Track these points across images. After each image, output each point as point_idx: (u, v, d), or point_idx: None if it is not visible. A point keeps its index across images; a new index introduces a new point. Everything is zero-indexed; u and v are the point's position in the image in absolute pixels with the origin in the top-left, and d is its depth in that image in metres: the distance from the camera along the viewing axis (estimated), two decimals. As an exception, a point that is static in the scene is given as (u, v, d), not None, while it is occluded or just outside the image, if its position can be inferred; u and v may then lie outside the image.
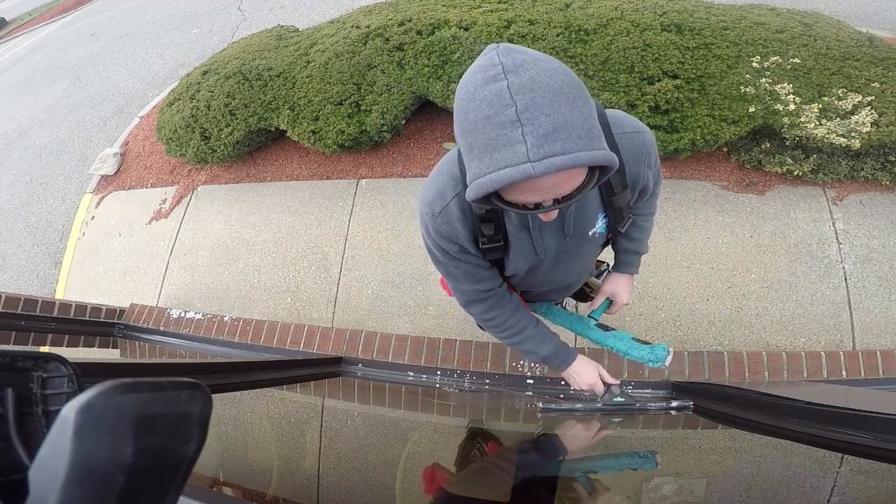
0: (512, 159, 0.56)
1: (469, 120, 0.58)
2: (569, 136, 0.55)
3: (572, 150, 0.55)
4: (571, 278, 1.11)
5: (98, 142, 4.62)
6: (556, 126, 0.55)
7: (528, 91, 0.54)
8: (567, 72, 0.58)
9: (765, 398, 1.19)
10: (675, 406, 1.26)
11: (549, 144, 0.54)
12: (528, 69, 0.55)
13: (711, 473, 1.03)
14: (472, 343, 1.98)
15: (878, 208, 2.30)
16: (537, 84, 0.55)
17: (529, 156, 0.55)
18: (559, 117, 0.55)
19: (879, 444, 0.78)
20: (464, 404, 1.79)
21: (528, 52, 0.58)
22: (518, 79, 0.55)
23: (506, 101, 0.55)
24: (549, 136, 0.54)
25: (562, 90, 0.55)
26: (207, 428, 0.30)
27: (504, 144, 0.56)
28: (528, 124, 0.54)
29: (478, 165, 0.59)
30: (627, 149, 0.81)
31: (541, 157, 0.55)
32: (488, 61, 0.57)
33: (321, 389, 1.86)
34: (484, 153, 0.58)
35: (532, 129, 0.54)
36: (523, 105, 0.54)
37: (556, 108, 0.55)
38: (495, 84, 0.55)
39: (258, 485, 0.96)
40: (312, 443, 1.28)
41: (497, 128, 0.56)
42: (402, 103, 2.69)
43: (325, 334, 2.13)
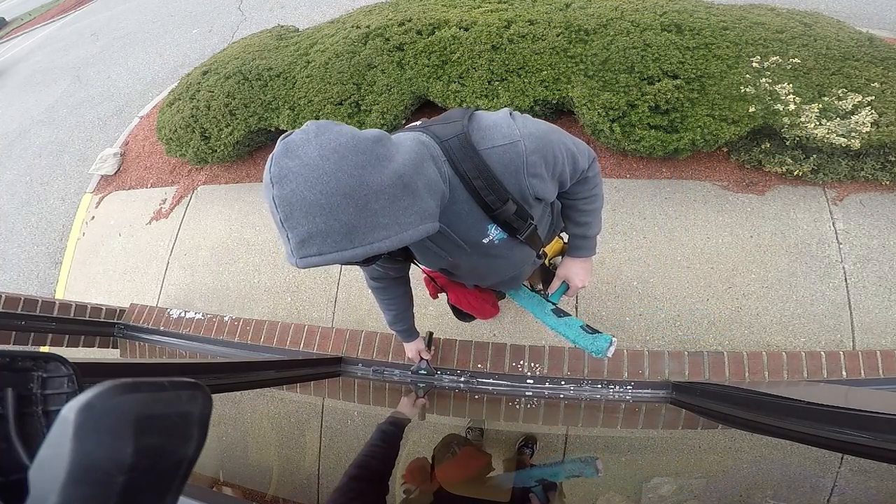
0: (287, 253, 0.66)
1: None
2: (324, 242, 0.63)
3: (328, 252, 0.64)
4: (507, 274, 1.12)
5: (98, 142, 4.62)
6: (311, 234, 0.63)
7: (286, 204, 0.62)
8: (333, 178, 0.62)
9: (764, 398, 1.19)
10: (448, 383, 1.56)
11: (306, 248, 0.64)
12: (290, 182, 0.62)
13: (711, 473, 1.03)
14: (472, 343, 1.98)
15: (878, 208, 2.30)
16: (295, 197, 0.62)
17: (294, 254, 0.64)
18: (313, 227, 0.62)
19: (879, 444, 0.78)
20: (460, 405, 1.79)
21: (303, 156, 0.62)
22: (280, 191, 0.62)
23: (274, 209, 0.63)
24: (305, 242, 0.63)
25: (317, 201, 0.62)
26: (207, 428, 0.30)
27: (282, 239, 0.66)
28: (289, 230, 0.63)
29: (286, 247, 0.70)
30: (499, 163, 0.80)
31: (301, 256, 0.64)
32: (271, 163, 0.64)
33: (321, 389, 1.86)
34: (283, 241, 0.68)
35: (292, 236, 0.63)
36: (283, 215, 0.63)
37: (310, 219, 0.62)
38: (267, 193, 0.64)
39: (258, 485, 0.96)
40: (312, 443, 1.28)
41: (276, 226, 0.66)
42: (402, 103, 2.69)
43: (325, 334, 2.13)
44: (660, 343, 2.17)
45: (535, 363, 1.88)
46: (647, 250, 2.38)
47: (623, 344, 2.17)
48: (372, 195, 0.64)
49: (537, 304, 1.27)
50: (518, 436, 1.44)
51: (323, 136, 0.63)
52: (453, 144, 0.79)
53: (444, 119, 0.84)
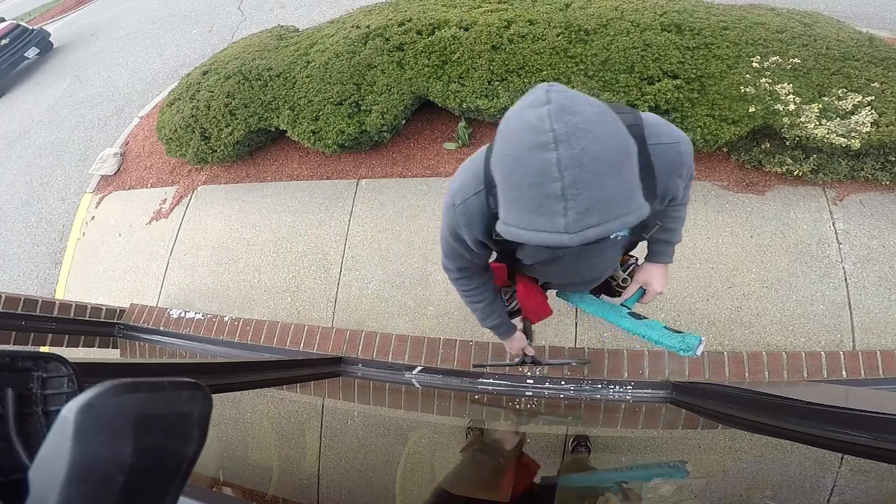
0: (550, 227, 0.56)
1: (513, 179, 0.58)
2: (607, 208, 0.55)
3: (608, 220, 0.56)
4: (593, 275, 1.13)
5: (98, 142, 4.62)
6: (598, 200, 0.55)
7: (576, 166, 0.53)
8: (620, 131, 0.56)
9: (764, 398, 1.19)
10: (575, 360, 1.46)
11: (588, 218, 0.55)
12: (581, 139, 0.53)
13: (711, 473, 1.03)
14: (472, 343, 1.98)
15: (878, 208, 2.30)
16: (587, 156, 0.53)
17: (567, 228, 0.55)
18: (603, 192, 0.54)
19: (879, 444, 0.78)
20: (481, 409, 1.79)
21: (583, 112, 0.55)
22: (569, 152, 0.53)
23: (553, 174, 0.53)
24: (590, 210, 0.55)
25: (610, 160, 0.54)
26: (207, 428, 0.30)
27: (545, 213, 0.56)
28: (571, 199, 0.54)
29: (515, 218, 0.60)
30: (661, 159, 0.80)
31: (578, 230, 0.55)
32: (538, 122, 0.54)
33: (321, 389, 1.86)
34: (524, 212, 0.58)
35: (574, 205, 0.54)
36: (570, 181, 0.53)
37: (601, 183, 0.54)
38: (544, 154, 0.53)
39: (258, 485, 0.96)
40: (312, 443, 1.28)
41: (541, 196, 0.55)
42: (402, 103, 2.69)
43: (325, 334, 2.13)
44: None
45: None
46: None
47: (623, 344, 2.17)
48: (635, 158, 0.58)
49: (610, 310, 1.26)
50: (566, 437, 1.43)
51: (578, 93, 0.56)
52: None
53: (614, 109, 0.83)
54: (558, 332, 2.26)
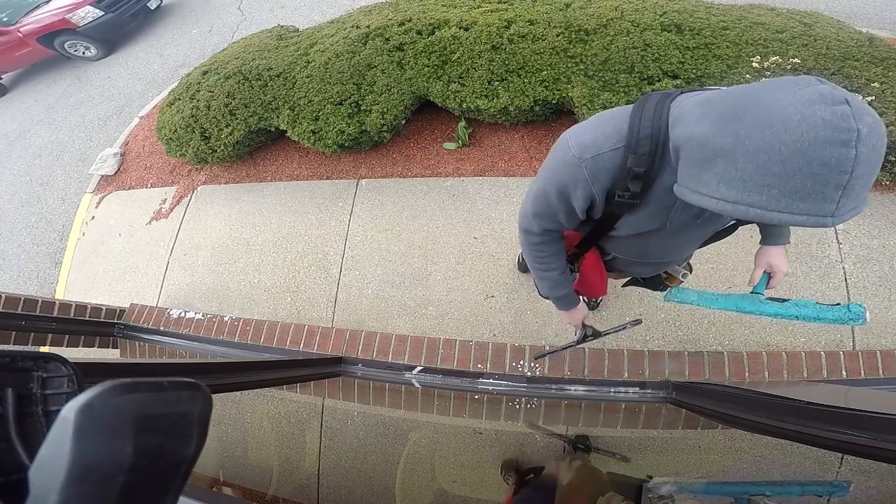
0: (816, 212, 0.59)
1: (784, 167, 0.59)
2: (865, 196, 0.60)
3: (861, 205, 0.60)
4: (671, 257, 1.12)
5: (98, 142, 4.62)
6: (865, 189, 0.59)
7: (866, 162, 0.56)
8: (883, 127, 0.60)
9: (764, 398, 1.19)
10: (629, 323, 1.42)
11: (851, 203, 0.59)
12: (874, 136, 0.57)
13: (711, 473, 1.03)
14: (472, 343, 1.98)
15: (878, 208, 2.30)
16: (875, 154, 0.57)
17: (834, 213, 0.58)
18: (871, 182, 0.59)
19: (879, 444, 0.78)
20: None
21: (872, 114, 0.58)
22: (866, 149, 0.56)
23: (846, 169, 0.56)
24: (857, 198, 0.59)
25: (881, 157, 0.58)
26: (207, 428, 0.30)
27: (816, 199, 0.58)
28: (849, 191, 0.57)
29: (763, 200, 0.62)
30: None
31: (841, 214, 0.59)
32: (842, 121, 0.56)
33: (321, 389, 1.86)
34: (783, 195, 0.60)
35: (850, 195, 0.58)
36: (857, 174, 0.56)
37: (873, 178, 0.58)
38: (843, 150, 0.56)
39: (258, 485, 0.96)
40: (312, 443, 1.28)
41: (819, 186, 0.58)
42: (402, 103, 2.69)
43: (325, 334, 2.13)
44: (660, 343, 2.17)
45: (535, 363, 1.88)
46: (647, 250, 2.38)
47: (623, 344, 2.17)
48: None
49: (744, 299, 1.23)
50: (537, 432, 1.43)
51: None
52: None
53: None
54: (558, 333, 2.26)
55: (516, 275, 2.45)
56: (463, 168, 2.86)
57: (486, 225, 2.63)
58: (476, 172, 2.83)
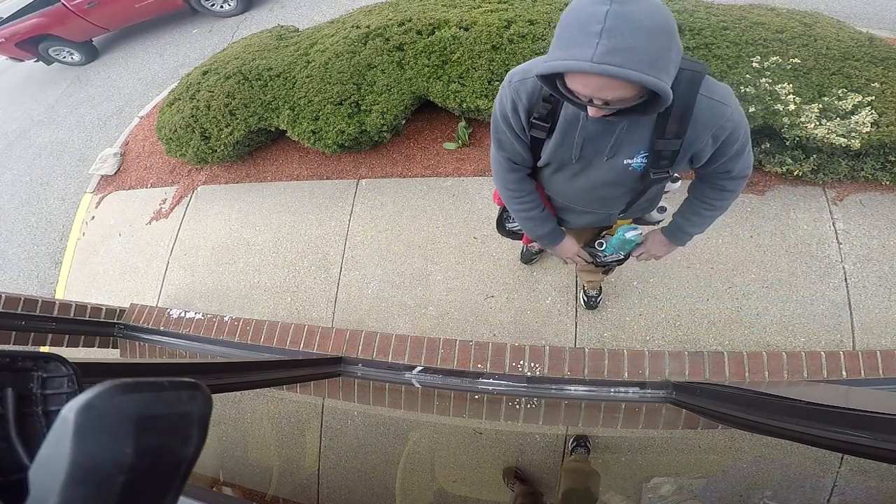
0: (579, 56, 0.70)
1: (567, 20, 0.73)
2: (630, 59, 0.68)
3: (628, 68, 0.68)
4: (594, 205, 1.18)
5: (98, 142, 4.62)
6: (625, 47, 0.67)
7: (619, 18, 0.67)
8: (665, 17, 0.70)
9: (764, 398, 1.19)
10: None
11: (611, 56, 0.68)
12: (632, 4, 0.67)
13: (711, 473, 1.03)
14: (472, 343, 1.98)
15: (878, 208, 2.30)
16: (631, 17, 0.67)
17: (593, 58, 0.69)
18: (632, 43, 0.67)
19: (879, 444, 0.78)
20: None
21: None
22: (619, 8, 0.67)
23: (599, 19, 0.67)
24: (614, 51, 0.68)
25: (648, 28, 0.68)
26: (207, 428, 0.30)
27: (579, 45, 0.70)
28: (604, 38, 0.67)
29: (555, 53, 0.75)
30: (703, 111, 0.87)
31: (600, 62, 0.68)
32: None
33: (321, 389, 1.86)
34: (562, 46, 0.73)
35: (605, 43, 0.68)
36: (609, 26, 0.67)
37: (634, 37, 0.67)
38: (599, 6, 0.68)
39: (258, 485, 0.96)
40: (312, 443, 1.28)
41: (581, 34, 0.70)
42: (402, 103, 2.69)
43: (325, 334, 2.13)
44: (660, 343, 2.17)
45: (535, 363, 1.88)
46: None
47: (623, 344, 2.17)
48: (674, 41, 0.72)
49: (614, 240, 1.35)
50: (537, 432, 1.43)
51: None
52: (684, 76, 0.85)
53: (687, 59, 0.91)
54: (558, 333, 2.26)
55: (516, 275, 2.46)
56: (463, 168, 2.86)
57: (486, 225, 2.63)
58: (476, 172, 2.83)
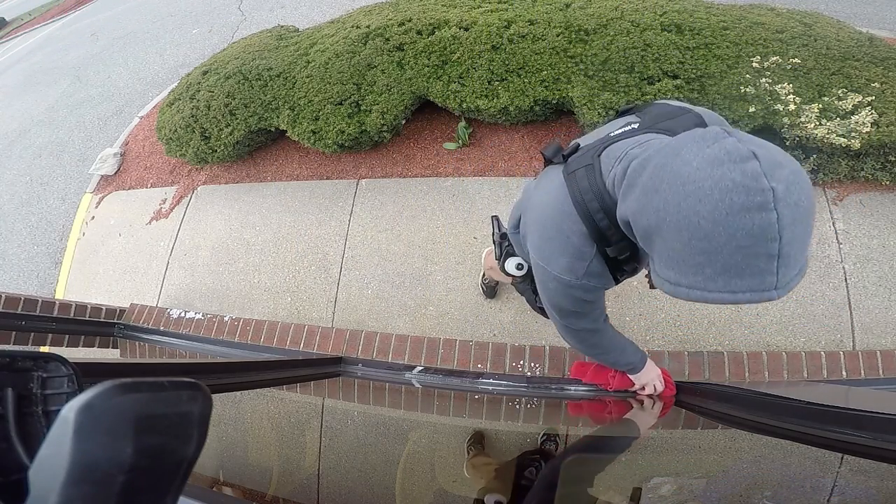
0: (757, 287, 0.53)
1: (712, 243, 0.52)
2: (804, 256, 0.53)
3: (804, 267, 0.54)
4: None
5: (98, 142, 4.62)
6: (802, 251, 0.52)
7: (794, 224, 0.50)
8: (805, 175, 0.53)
9: (764, 398, 1.19)
10: None
11: (793, 270, 0.53)
12: (794, 192, 0.50)
13: (711, 473, 1.03)
14: (472, 343, 1.98)
15: (878, 208, 2.30)
16: (801, 210, 0.50)
17: (777, 285, 0.52)
18: (805, 242, 0.52)
19: (879, 444, 0.78)
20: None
21: (787, 163, 0.51)
22: (789, 210, 0.49)
23: (772, 235, 0.50)
24: (796, 263, 0.53)
25: (812, 208, 0.52)
26: (207, 428, 0.30)
27: (752, 274, 0.52)
28: (785, 258, 0.51)
29: (709, 278, 0.55)
30: None
31: (784, 284, 0.53)
32: (752, 181, 0.49)
33: (321, 389, 1.86)
34: (718, 274, 0.54)
35: (787, 262, 0.51)
36: (787, 239, 0.50)
37: (808, 235, 0.52)
38: (761, 214, 0.49)
39: (258, 485, 0.96)
40: (312, 443, 1.28)
41: (750, 258, 0.51)
42: (402, 103, 2.69)
43: (325, 334, 2.13)
44: (660, 343, 2.17)
45: (535, 363, 1.88)
46: (647, 250, 2.38)
47: (623, 344, 2.17)
48: None
49: None
50: (536, 432, 1.43)
51: (756, 137, 0.53)
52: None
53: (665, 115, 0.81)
54: (558, 333, 2.26)
55: (516, 275, 2.45)
56: (463, 168, 2.86)
57: (486, 225, 2.63)
58: (476, 172, 2.83)
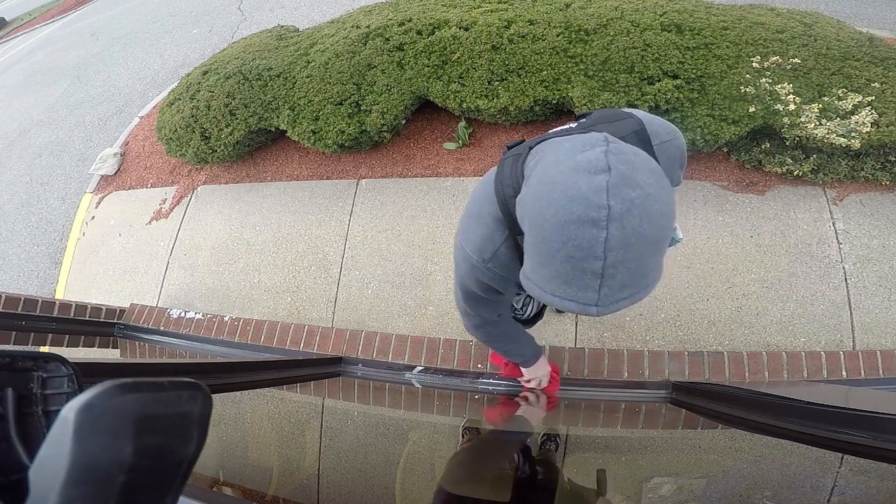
0: (581, 299, 0.54)
1: (548, 246, 0.54)
2: (639, 284, 0.54)
3: (638, 293, 0.54)
4: None
5: (98, 142, 4.62)
6: (634, 277, 0.53)
7: (622, 247, 0.50)
8: (668, 208, 0.53)
9: (764, 398, 1.19)
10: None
11: (620, 293, 0.53)
12: (634, 217, 0.50)
13: (711, 473, 1.03)
14: (472, 343, 1.98)
15: (878, 208, 2.30)
16: (636, 237, 0.50)
17: (598, 303, 0.53)
18: (640, 269, 0.52)
19: (879, 444, 0.78)
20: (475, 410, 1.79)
21: (642, 184, 0.51)
22: (620, 232, 0.49)
23: (597, 254, 0.50)
24: (624, 287, 0.53)
25: (656, 238, 0.52)
26: (207, 428, 0.30)
27: (577, 286, 0.53)
28: (608, 279, 0.52)
29: (545, 279, 0.56)
30: (665, 156, 0.81)
31: (609, 304, 0.54)
32: (594, 195, 0.50)
33: (321, 389, 1.86)
34: (554, 278, 0.55)
35: (610, 283, 0.52)
36: (612, 261, 0.51)
37: (641, 262, 0.52)
38: (592, 231, 0.50)
39: (258, 485, 0.96)
40: (312, 443, 1.28)
41: (577, 271, 0.52)
42: (402, 103, 2.69)
43: (325, 334, 2.13)
44: (660, 343, 2.17)
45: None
46: (647, 250, 2.38)
47: (623, 344, 2.17)
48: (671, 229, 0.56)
49: None
50: (539, 432, 1.43)
51: (638, 154, 0.53)
52: (631, 141, 0.75)
53: (603, 119, 0.82)
54: (558, 333, 2.26)
55: (516, 275, 2.45)
56: (463, 168, 2.86)
57: (486, 225, 2.63)
58: (476, 172, 2.83)
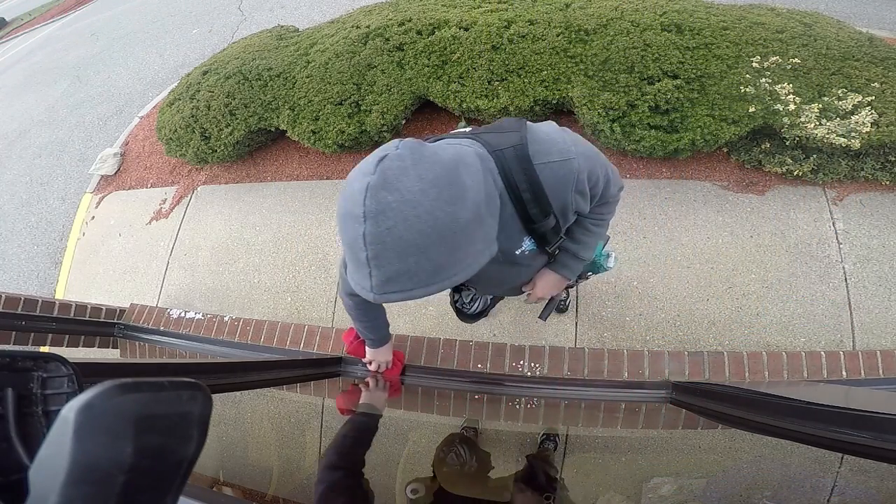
0: (362, 283, 0.64)
1: (341, 235, 0.65)
2: (409, 280, 0.61)
3: (409, 290, 0.62)
4: (520, 281, 1.13)
5: (98, 142, 4.62)
6: (398, 274, 0.60)
7: (379, 242, 0.58)
8: (436, 212, 0.59)
9: (764, 398, 1.19)
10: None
11: (389, 286, 0.61)
12: (388, 218, 0.58)
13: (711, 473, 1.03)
14: (472, 343, 1.98)
15: (878, 208, 2.30)
16: (391, 236, 0.58)
17: (373, 290, 0.62)
18: (402, 266, 0.60)
19: (879, 444, 0.78)
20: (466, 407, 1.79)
21: (402, 190, 0.58)
22: (374, 229, 0.58)
23: (360, 245, 0.59)
24: (391, 280, 0.61)
25: (414, 241, 0.59)
26: (207, 428, 0.30)
27: (359, 273, 0.63)
28: (374, 269, 0.60)
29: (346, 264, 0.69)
30: (551, 178, 0.80)
31: (380, 293, 0.62)
32: (357, 194, 0.59)
33: (321, 389, 1.86)
34: (350, 263, 0.65)
35: (377, 274, 0.61)
36: (373, 254, 0.59)
37: (402, 260, 0.60)
38: (355, 225, 0.59)
39: (258, 485, 0.96)
40: (312, 443, 1.28)
41: (355, 260, 0.63)
42: (402, 103, 2.69)
43: (325, 334, 2.13)
44: (660, 343, 2.17)
45: (535, 363, 1.88)
46: (647, 250, 2.38)
47: (623, 344, 2.17)
48: (460, 232, 0.62)
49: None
50: (538, 431, 1.43)
51: (420, 164, 0.59)
52: (508, 155, 0.78)
53: (497, 128, 0.84)
54: (558, 333, 2.26)
55: (516, 275, 2.45)
56: (463, 168, 2.86)
57: (486, 225, 2.63)
58: (476, 172, 2.82)
